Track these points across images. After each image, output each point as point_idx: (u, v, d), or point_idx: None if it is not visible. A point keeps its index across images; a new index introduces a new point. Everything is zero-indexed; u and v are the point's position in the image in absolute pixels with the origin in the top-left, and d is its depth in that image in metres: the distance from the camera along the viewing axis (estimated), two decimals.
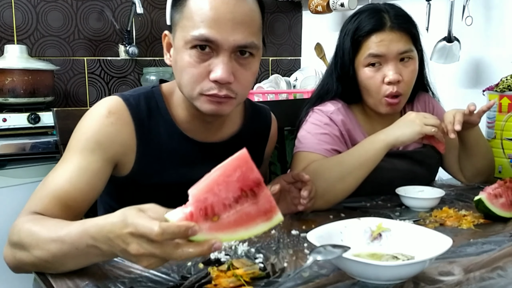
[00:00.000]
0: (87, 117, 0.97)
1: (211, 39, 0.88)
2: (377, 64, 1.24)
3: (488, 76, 1.84)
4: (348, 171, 1.14)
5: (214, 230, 0.67)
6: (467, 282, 0.75)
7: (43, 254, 0.76)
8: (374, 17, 1.24)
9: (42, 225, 0.79)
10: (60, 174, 0.90)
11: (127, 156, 0.98)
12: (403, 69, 1.24)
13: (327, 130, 1.27)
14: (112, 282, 0.74)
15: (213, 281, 0.75)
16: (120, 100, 0.98)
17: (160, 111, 1.02)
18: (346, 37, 1.28)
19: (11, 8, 2.14)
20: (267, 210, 0.71)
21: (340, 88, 1.32)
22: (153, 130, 1.00)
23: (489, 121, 1.48)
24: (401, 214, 1.13)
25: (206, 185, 0.68)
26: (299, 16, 2.85)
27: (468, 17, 1.81)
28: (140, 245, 0.65)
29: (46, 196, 0.87)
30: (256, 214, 0.70)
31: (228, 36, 0.89)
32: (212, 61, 0.91)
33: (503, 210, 1.06)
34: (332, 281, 0.75)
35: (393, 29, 1.23)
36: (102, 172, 0.93)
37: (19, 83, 1.91)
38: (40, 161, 1.73)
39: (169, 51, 0.99)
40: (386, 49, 1.22)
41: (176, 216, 0.66)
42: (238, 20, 0.89)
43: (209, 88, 0.91)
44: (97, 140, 0.93)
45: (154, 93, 1.03)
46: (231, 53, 0.91)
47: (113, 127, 0.95)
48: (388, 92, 1.24)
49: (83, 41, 2.31)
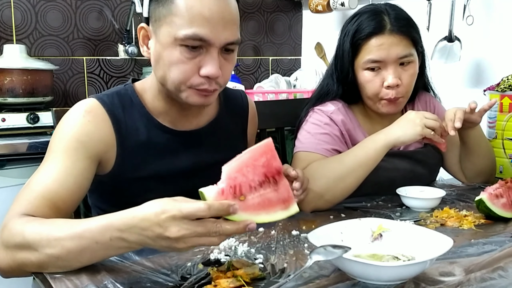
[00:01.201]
0: (64, 120, 0.98)
1: (205, 38, 0.91)
2: (376, 68, 1.23)
3: (489, 76, 1.84)
4: (348, 170, 1.14)
5: (240, 209, 0.72)
6: (468, 283, 0.75)
7: (56, 251, 0.77)
8: (374, 19, 1.23)
9: (50, 224, 0.80)
10: (46, 175, 0.90)
11: (108, 153, 0.99)
12: (403, 72, 1.24)
13: (327, 130, 1.27)
14: (111, 283, 0.74)
15: (213, 281, 0.75)
16: (94, 100, 1.00)
17: (135, 106, 1.03)
18: (346, 38, 1.27)
19: (10, 7, 2.13)
20: (285, 199, 0.78)
21: (341, 88, 1.31)
22: (130, 125, 1.01)
23: (490, 121, 1.48)
24: (402, 214, 1.13)
25: (237, 165, 0.75)
26: (299, 15, 2.85)
27: (469, 16, 1.81)
28: (180, 226, 0.69)
29: (35, 198, 0.86)
30: (276, 201, 0.77)
31: (220, 34, 0.92)
32: (202, 57, 0.93)
33: (504, 211, 1.06)
34: (332, 282, 0.75)
35: (392, 32, 1.22)
36: (87, 171, 0.94)
37: (18, 83, 1.90)
38: (39, 161, 1.69)
39: (146, 44, 1.00)
40: (386, 54, 1.21)
41: (210, 191, 0.73)
42: (227, 18, 0.93)
43: (199, 83, 0.94)
44: (78, 138, 0.94)
45: (128, 90, 1.05)
46: (219, 50, 0.94)
47: (91, 125, 0.96)
48: (387, 97, 1.23)
49: (82, 41, 2.31)
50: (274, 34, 2.79)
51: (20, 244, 0.79)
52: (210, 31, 0.91)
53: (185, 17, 0.91)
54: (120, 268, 0.80)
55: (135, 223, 0.73)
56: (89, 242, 0.76)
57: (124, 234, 0.74)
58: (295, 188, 1.00)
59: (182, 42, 0.91)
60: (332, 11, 2.39)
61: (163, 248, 0.73)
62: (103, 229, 0.75)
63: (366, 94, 1.27)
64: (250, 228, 0.72)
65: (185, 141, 1.06)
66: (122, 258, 0.84)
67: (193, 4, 0.91)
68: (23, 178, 1.69)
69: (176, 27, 0.92)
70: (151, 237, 0.72)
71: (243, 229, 0.72)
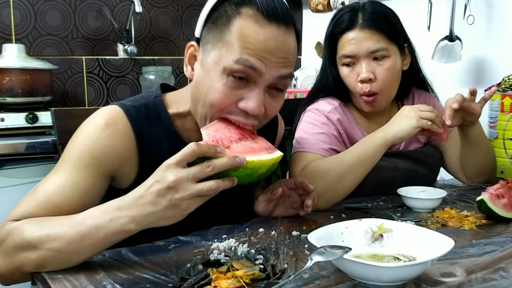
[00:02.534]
0: (84, 128, 0.94)
1: (255, 66, 0.85)
2: (351, 64, 1.27)
3: (490, 76, 1.83)
4: (347, 170, 1.14)
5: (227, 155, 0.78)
6: (469, 283, 0.74)
7: (56, 244, 0.77)
8: (349, 16, 1.26)
9: (50, 220, 0.80)
10: (52, 186, 0.87)
11: (126, 168, 0.95)
12: (377, 67, 1.25)
13: (324, 130, 1.27)
14: (110, 284, 0.73)
15: (213, 282, 0.74)
16: (120, 111, 0.95)
17: (162, 122, 0.98)
18: (326, 35, 1.32)
19: (9, 7, 2.13)
20: (268, 148, 0.87)
21: (334, 85, 1.33)
22: (155, 141, 0.97)
23: (491, 121, 1.47)
24: (403, 214, 1.12)
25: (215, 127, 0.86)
26: (300, 15, 2.85)
27: (469, 16, 1.81)
28: (175, 172, 0.73)
29: (36, 207, 0.85)
30: (258, 149, 0.84)
31: (272, 66, 0.87)
32: (245, 90, 0.88)
33: (505, 211, 1.05)
34: (333, 283, 0.75)
35: (363, 28, 1.24)
36: (96, 188, 0.91)
37: (17, 83, 1.90)
38: (38, 161, 1.72)
39: (191, 64, 0.95)
40: (356, 48, 1.24)
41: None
42: (283, 55, 0.88)
43: (235, 114, 0.89)
44: (92, 154, 0.90)
45: (157, 104, 0.99)
46: (266, 88, 0.89)
47: (109, 140, 0.92)
48: (362, 91, 1.26)
49: (82, 40, 2.30)
50: None
51: (20, 244, 0.79)
52: (262, 62, 0.85)
53: (239, 46, 0.85)
54: (119, 269, 0.79)
55: (132, 196, 0.76)
56: (88, 228, 0.77)
57: (123, 212, 0.76)
58: (307, 205, 1.04)
59: (230, 70, 0.86)
60: (332, 11, 2.39)
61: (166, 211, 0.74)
62: (102, 213, 0.77)
63: (349, 89, 1.30)
64: (241, 159, 0.76)
65: None
66: (121, 258, 0.84)
67: (249, 35, 0.85)
68: (22, 178, 1.69)
69: (226, 56, 0.86)
70: (151, 200, 0.74)
71: (233, 161, 0.75)
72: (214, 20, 0.90)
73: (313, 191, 1.03)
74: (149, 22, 2.46)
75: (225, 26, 0.87)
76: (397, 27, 1.28)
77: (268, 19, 0.86)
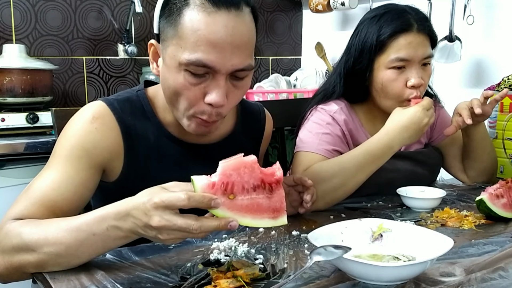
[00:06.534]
0: (71, 123, 0.95)
1: (209, 65, 0.85)
2: (401, 67, 1.22)
3: (489, 76, 1.83)
4: (350, 175, 1.14)
5: (226, 207, 0.72)
6: (468, 283, 0.74)
7: (54, 249, 0.77)
8: (399, 18, 1.22)
9: (47, 223, 0.80)
10: (47, 182, 0.88)
11: (114, 161, 0.96)
12: (423, 73, 1.23)
13: (328, 130, 1.26)
14: (111, 283, 0.74)
15: (213, 282, 0.74)
16: (104, 105, 0.96)
17: (146, 114, 1.00)
18: (368, 35, 1.24)
19: (9, 7, 2.13)
20: (276, 209, 0.75)
21: (348, 88, 1.30)
22: (140, 133, 0.98)
23: (491, 121, 1.47)
24: (402, 214, 1.12)
25: (236, 163, 0.73)
26: (300, 15, 2.85)
27: (469, 16, 1.81)
28: (162, 216, 0.70)
29: (33, 204, 0.85)
30: (266, 208, 0.74)
31: (226, 61, 0.86)
32: (207, 83, 0.88)
33: (505, 211, 1.05)
34: (332, 282, 0.75)
35: (419, 31, 1.21)
36: (90, 180, 0.92)
37: (17, 83, 1.90)
38: (39, 161, 1.72)
39: (155, 61, 0.96)
40: (414, 52, 1.20)
41: (200, 180, 0.72)
42: (236, 43, 0.86)
43: (202, 111, 0.90)
44: (83, 146, 0.91)
45: (140, 97, 1.01)
46: (227, 76, 0.88)
47: (98, 133, 0.93)
48: (412, 96, 1.22)
49: (82, 41, 2.30)
50: (274, 34, 2.79)
51: (18, 246, 0.79)
52: (216, 57, 0.85)
53: (190, 41, 0.85)
54: (119, 269, 0.80)
55: (128, 211, 0.74)
56: (86, 234, 0.76)
57: (119, 223, 0.75)
58: (306, 200, 1.03)
59: (185, 66, 0.86)
60: (332, 11, 2.39)
61: (152, 238, 0.74)
62: (100, 220, 0.76)
63: (386, 94, 1.25)
64: (232, 226, 0.71)
65: (194, 154, 1.03)
66: (121, 258, 0.84)
67: (199, 27, 0.84)
68: (22, 178, 1.69)
69: (181, 51, 0.86)
70: (140, 226, 0.73)
71: (224, 226, 0.71)
72: (167, 14, 0.90)
73: (311, 186, 1.02)
74: (149, 22, 2.45)
75: (176, 21, 0.87)
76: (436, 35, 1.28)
77: (216, 6, 0.85)
